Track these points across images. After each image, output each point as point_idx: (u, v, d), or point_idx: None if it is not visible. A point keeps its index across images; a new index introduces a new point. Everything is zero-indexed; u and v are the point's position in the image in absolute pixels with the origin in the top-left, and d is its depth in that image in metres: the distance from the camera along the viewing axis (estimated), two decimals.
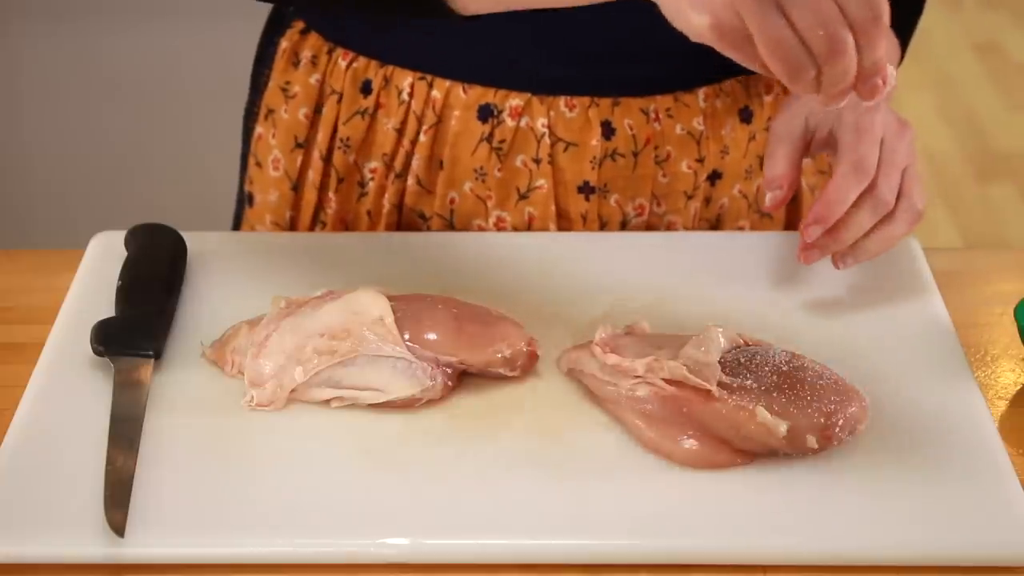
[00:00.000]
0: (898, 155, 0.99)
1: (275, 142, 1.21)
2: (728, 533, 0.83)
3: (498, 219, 1.16)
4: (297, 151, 1.19)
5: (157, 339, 0.97)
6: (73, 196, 2.42)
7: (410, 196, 1.17)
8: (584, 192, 1.14)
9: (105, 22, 2.29)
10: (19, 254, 1.13)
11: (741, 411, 0.87)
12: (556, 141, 1.13)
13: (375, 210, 1.19)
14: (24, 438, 0.90)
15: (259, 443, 0.90)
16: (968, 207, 3.00)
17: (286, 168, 1.20)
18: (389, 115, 1.15)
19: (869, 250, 1.01)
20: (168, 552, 0.83)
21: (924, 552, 0.83)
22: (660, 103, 1.13)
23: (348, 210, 1.20)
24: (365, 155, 1.17)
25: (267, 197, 1.23)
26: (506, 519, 0.84)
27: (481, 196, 1.15)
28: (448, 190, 1.16)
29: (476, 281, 1.04)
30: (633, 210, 1.16)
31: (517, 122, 1.12)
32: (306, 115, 1.18)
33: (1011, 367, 1.00)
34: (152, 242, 1.06)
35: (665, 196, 1.16)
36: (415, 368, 0.93)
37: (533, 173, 1.14)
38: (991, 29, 3.74)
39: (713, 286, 1.05)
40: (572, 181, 1.14)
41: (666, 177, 1.16)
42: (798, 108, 1.03)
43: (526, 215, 1.15)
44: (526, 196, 1.14)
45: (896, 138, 1.00)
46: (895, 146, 0.99)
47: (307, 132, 1.19)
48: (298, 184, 1.20)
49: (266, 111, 1.22)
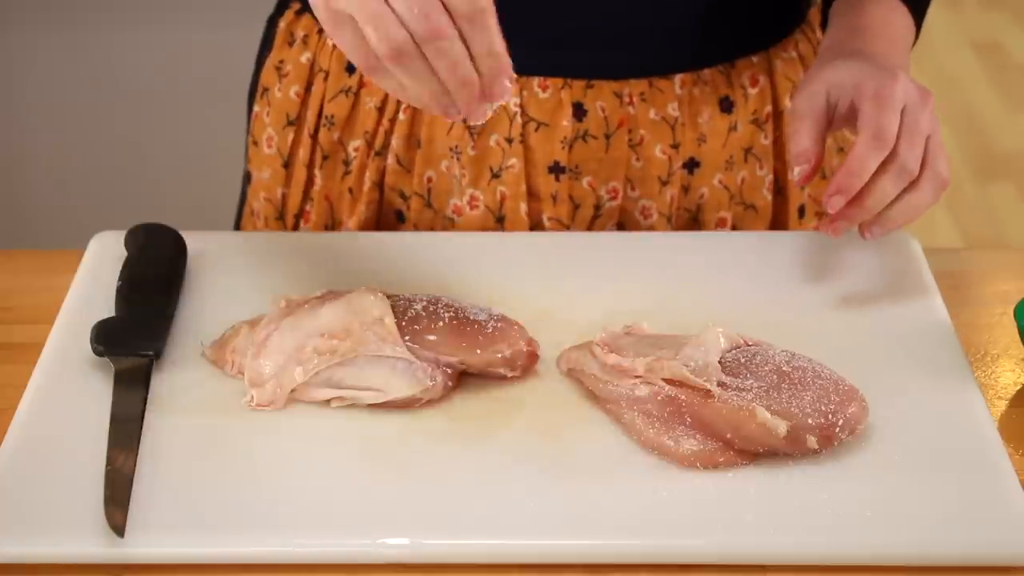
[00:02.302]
0: (921, 123, 0.98)
1: (269, 120, 1.23)
2: (728, 533, 0.83)
3: (471, 197, 1.17)
4: (288, 128, 1.21)
5: (157, 339, 0.97)
6: (73, 196, 2.42)
7: (390, 175, 1.18)
8: (554, 172, 1.15)
9: (105, 22, 2.29)
10: (19, 254, 1.13)
11: (741, 411, 0.87)
12: (528, 121, 1.14)
13: (356, 188, 1.20)
14: (24, 438, 0.90)
15: (259, 443, 0.90)
16: (968, 207, 3.00)
17: (278, 145, 1.22)
18: (372, 94, 1.17)
19: (895, 219, 1.00)
20: (168, 552, 0.82)
21: (924, 552, 0.83)
22: (634, 87, 1.14)
23: (332, 188, 1.21)
24: (349, 133, 1.19)
25: (262, 174, 1.24)
26: (506, 519, 0.84)
27: (456, 175, 1.16)
28: (425, 168, 1.17)
29: (476, 281, 1.04)
30: (607, 193, 1.17)
31: None
32: (297, 93, 1.20)
33: (1011, 367, 1.00)
34: (152, 242, 1.06)
35: (640, 181, 1.17)
36: (415, 368, 0.93)
37: (505, 152, 1.15)
38: (991, 29, 3.74)
39: (713, 286, 1.05)
40: (542, 161, 1.15)
41: (640, 161, 1.16)
42: (818, 83, 1.03)
43: (498, 194, 1.16)
44: (498, 175, 1.16)
45: (918, 107, 0.99)
46: (917, 114, 0.99)
47: (298, 110, 1.21)
48: (289, 161, 1.22)
49: (262, 90, 1.24)
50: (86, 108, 2.36)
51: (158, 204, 2.24)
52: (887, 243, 1.10)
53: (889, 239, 1.11)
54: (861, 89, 1.00)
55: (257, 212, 1.26)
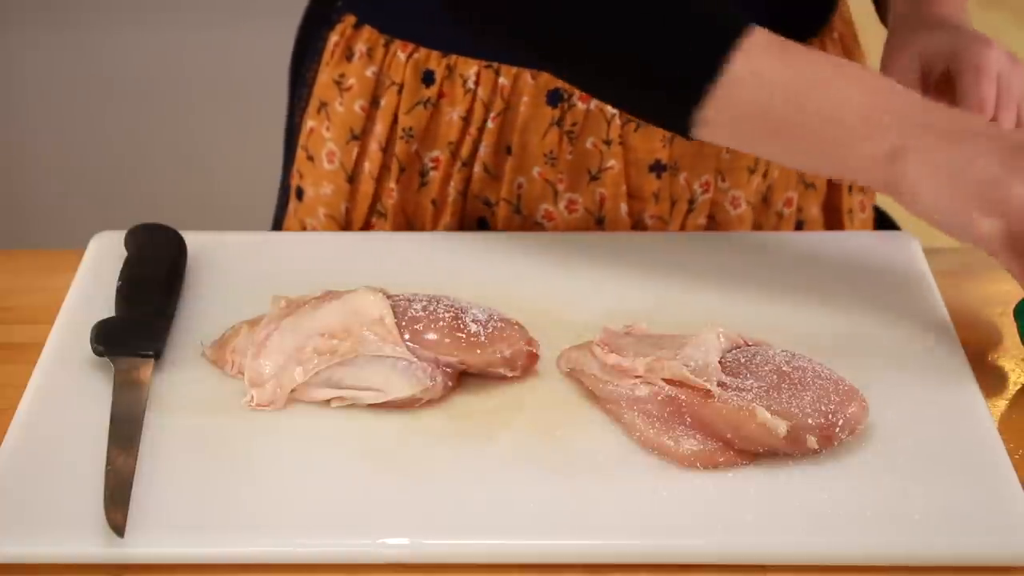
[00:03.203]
0: (1014, 88, 1.01)
1: (329, 135, 1.21)
2: (728, 533, 0.83)
3: (569, 202, 1.17)
4: (353, 143, 1.20)
5: (157, 339, 0.97)
6: (73, 196, 2.42)
7: (476, 183, 1.18)
8: (656, 171, 1.16)
9: (105, 22, 2.29)
10: (19, 254, 1.13)
11: (741, 411, 0.87)
12: (627, 121, 1.14)
13: (440, 199, 1.19)
14: (24, 438, 0.90)
15: (259, 443, 0.90)
16: None
17: (341, 160, 1.21)
18: (454, 104, 1.16)
19: None
20: (168, 552, 0.82)
21: (924, 552, 0.83)
22: None
23: (409, 200, 1.20)
24: (427, 144, 1.18)
25: (320, 190, 1.23)
26: (506, 519, 0.84)
27: (550, 180, 1.17)
28: (516, 175, 1.17)
29: (476, 281, 1.04)
30: (700, 187, 1.18)
31: (587, 105, 1.14)
32: (362, 107, 1.19)
33: (1011, 367, 1.00)
34: (152, 242, 1.06)
35: (729, 171, 1.18)
36: (415, 368, 0.93)
37: (604, 154, 1.15)
38: (991, 29, 3.70)
39: (713, 286, 1.05)
40: (644, 160, 1.16)
41: (728, 153, 1.17)
42: (912, 51, 1.04)
43: (597, 196, 1.17)
44: (597, 177, 1.16)
45: (1011, 72, 1.02)
46: (1011, 80, 1.01)
47: (363, 124, 1.20)
48: (354, 176, 1.21)
49: (318, 104, 1.22)
50: (86, 108, 2.36)
51: (158, 204, 2.25)
52: (887, 243, 1.10)
53: (889, 239, 1.11)
54: (960, 58, 1.02)
55: (312, 229, 1.24)
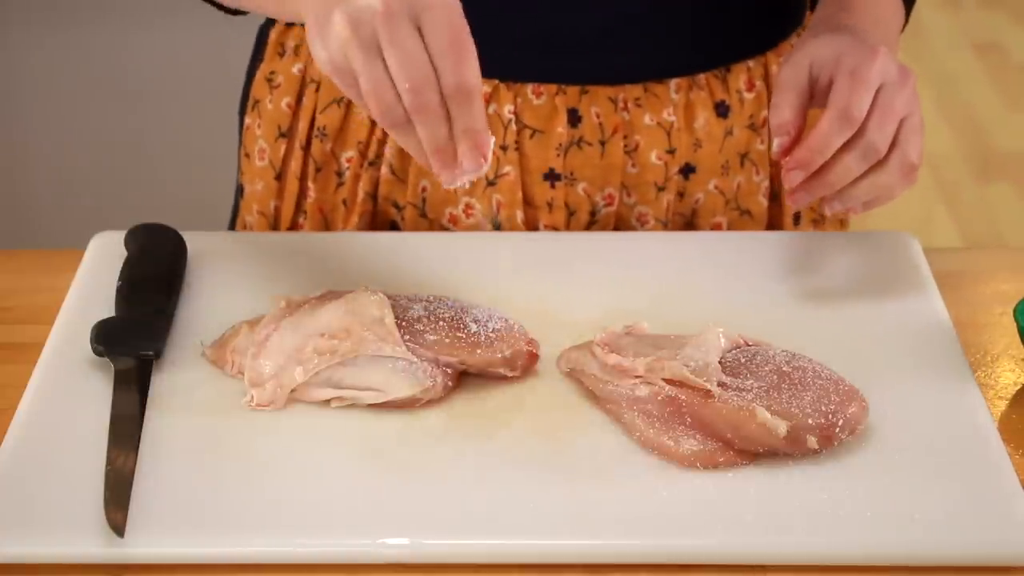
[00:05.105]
0: (896, 103, 0.96)
1: (260, 132, 1.22)
2: (728, 533, 0.83)
3: (466, 206, 1.16)
4: (280, 141, 1.21)
5: (157, 339, 0.97)
6: (73, 196, 2.42)
7: (384, 185, 1.18)
8: (550, 179, 1.15)
9: (105, 22, 2.29)
10: (19, 254, 1.13)
11: (741, 411, 0.87)
12: (522, 128, 1.14)
13: (350, 199, 1.19)
14: (24, 438, 0.90)
15: (259, 443, 0.90)
16: (968, 207, 3.00)
17: (271, 158, 1.22)
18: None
19: (857, 197, 0.98)
20: (168, 552, 0.82)
21: (924, 552, 0.83)
22: (629, 92, 1.14)
23: (325, 199, 1.21)
24: (341, 144, 1.19)
25: (255, 187, 1.24)
26: (506, 519, 0.84)
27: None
28: (419, 179, 1.17)
29: (476, 281, 1.04)
30: (602, 200, 1.16)
31: (486, 109, 1.12)
32: (288, 104, 1.20)
33: (1011, 367, 1.00)
34: (152, 242, 1.06)
35: (635, 187, 1.16)
36: (415, 368, 0.93)
37: (500, 160, 1.14)
38: (991, 29, 3.74)
39: (713, 286, 1.05)
40: (538, 168, 1.15)
41: (635, 167, 1.16)
42: (801, 56, 1.02)
43: (494, 202, 1.16)
44: (493, 183, 1.15)
45: (896, 87, 0.97)
46: (893, 94, 0.97)
47: (290, 122, 1.20)
48: (281, 173, 1.22)
49: (253, 102, 1.23)
50: (86, 108, 2.36)
51: (158, 204, 2.24)
52: (887, 243, 1.10)
53: (889, 239, 1.11)
54: (840, 64, 0.98)
55: (251, 225, 1.25)
